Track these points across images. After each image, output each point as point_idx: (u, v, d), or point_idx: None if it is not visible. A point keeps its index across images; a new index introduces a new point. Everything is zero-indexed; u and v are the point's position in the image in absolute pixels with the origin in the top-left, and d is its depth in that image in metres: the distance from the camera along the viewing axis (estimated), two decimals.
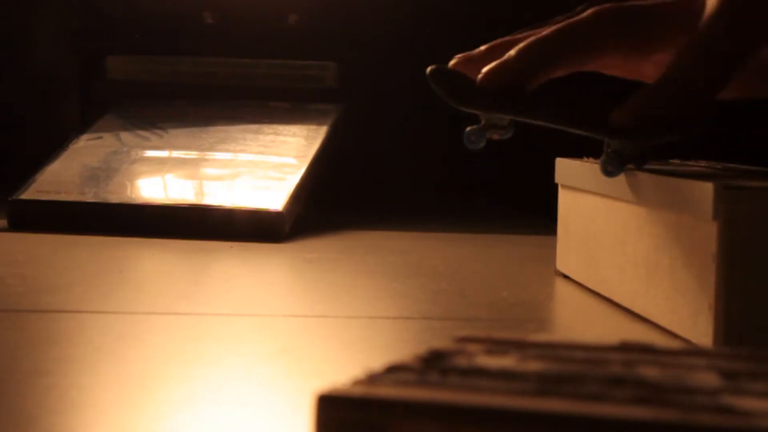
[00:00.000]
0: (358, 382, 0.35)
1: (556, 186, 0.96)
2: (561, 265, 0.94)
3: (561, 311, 0.85)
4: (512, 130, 0.75)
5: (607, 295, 0.83)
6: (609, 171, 0.75)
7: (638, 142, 0.74)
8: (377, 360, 0.60)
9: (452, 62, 0.76)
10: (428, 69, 0.73)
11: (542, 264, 1.00)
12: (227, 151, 1.30)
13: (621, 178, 0.80)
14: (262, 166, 1.26)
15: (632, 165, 0.76)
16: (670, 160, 0.92)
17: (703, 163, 0.89)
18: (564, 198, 0.95)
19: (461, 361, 0.39)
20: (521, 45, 0.73)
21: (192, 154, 1.29)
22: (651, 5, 0.75)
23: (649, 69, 0.77)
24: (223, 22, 1.54)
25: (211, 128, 1.36)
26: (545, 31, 0.74)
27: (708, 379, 0.37)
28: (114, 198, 1.20)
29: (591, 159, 0.91)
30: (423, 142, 1.76)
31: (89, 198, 1.20)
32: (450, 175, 1.78)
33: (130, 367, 0.58)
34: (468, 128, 0.73)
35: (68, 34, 1.66)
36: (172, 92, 1.49)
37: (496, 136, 0.75)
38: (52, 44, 1.72)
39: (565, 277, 0.93)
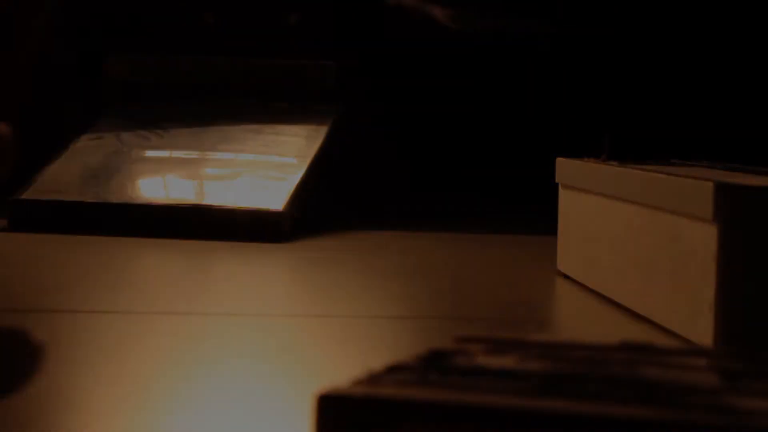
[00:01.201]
0: (358, 382, 0.35)
1: (556, 186, 0.96)
2: (561, 264, 0.94)
3: (561, 311, 0.85)
4: None
5: (607, 295, 0.83)
6: None
7: None
8: (377, 360, 0.60)
9: None
10: None
11: (542, 264, 1.00)
12: (228, 150, 1.30)
13: (621, 178, 0.80)
14: (262, 166, 1.26)
15: None
16: (671, 160, 0.92)
17: (703, 163, 0.89)
18: (564, 198, 0.95)
19: (461, 361, 0.39)
20: None
21: (192, 154, 1.29)
22: None
23: None
24: (223, 22, 1.54)
25: (212, 128, 1.36)
26: None
27: (708, 379, 0.37)
28: (114, 198, 1.20)
29: (591, 159, 0.91)
30: (423, 143, 1.76)
31: (90, 198, 1.20)
32: (450, 175, 1.77)
33: (130, 367, 0.58)
34: None
35: (68, 34, 1.66)
36: (172, 92, 1.49)
37: None
38: (52, 44, 1.72)
39: (565, 277, 0.93)
